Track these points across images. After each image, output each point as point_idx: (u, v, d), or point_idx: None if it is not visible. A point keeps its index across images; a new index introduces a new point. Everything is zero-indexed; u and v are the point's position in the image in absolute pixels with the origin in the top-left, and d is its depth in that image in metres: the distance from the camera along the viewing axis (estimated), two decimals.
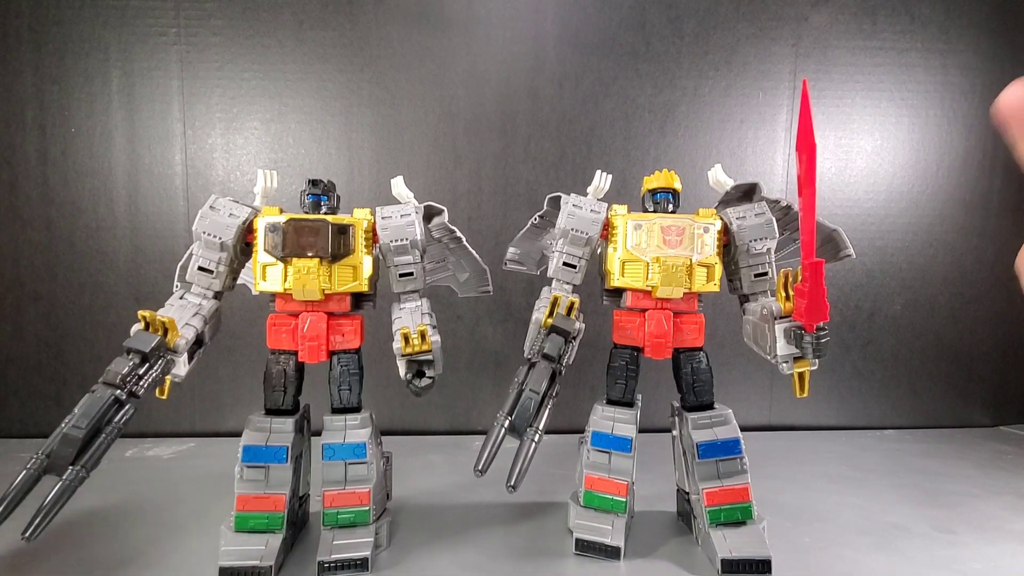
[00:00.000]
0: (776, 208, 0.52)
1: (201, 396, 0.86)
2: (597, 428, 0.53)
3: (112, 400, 0.40)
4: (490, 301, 0.87)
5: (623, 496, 0.52)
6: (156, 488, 0.65)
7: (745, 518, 0.51)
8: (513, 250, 0.58)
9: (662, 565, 0.49)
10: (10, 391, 0.84)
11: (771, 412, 0.93)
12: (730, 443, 0.52)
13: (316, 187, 0.51)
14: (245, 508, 0.48)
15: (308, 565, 0.48)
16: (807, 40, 0.89)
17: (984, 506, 0.63)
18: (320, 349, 0.50)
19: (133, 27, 0.81)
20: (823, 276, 0.40)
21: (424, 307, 0.51)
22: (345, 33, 0.84)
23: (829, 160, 0.91)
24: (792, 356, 0.46)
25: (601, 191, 0.55)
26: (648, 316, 0.52)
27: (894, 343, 0.94)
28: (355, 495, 0.49)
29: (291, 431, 0.50)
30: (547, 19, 0.86)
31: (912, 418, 0.95)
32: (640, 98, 0.87)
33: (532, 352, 0.47)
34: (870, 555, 0.51)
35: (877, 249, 0.92)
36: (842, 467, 0.75)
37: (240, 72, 0.83)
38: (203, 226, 0.49)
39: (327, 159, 0.85)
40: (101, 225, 0.83)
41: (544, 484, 0.65)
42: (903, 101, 0.91)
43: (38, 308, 0.83)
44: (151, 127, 0.83)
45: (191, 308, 0.48)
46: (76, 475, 0.38)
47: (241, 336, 0.84)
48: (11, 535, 0.37)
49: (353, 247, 0.49)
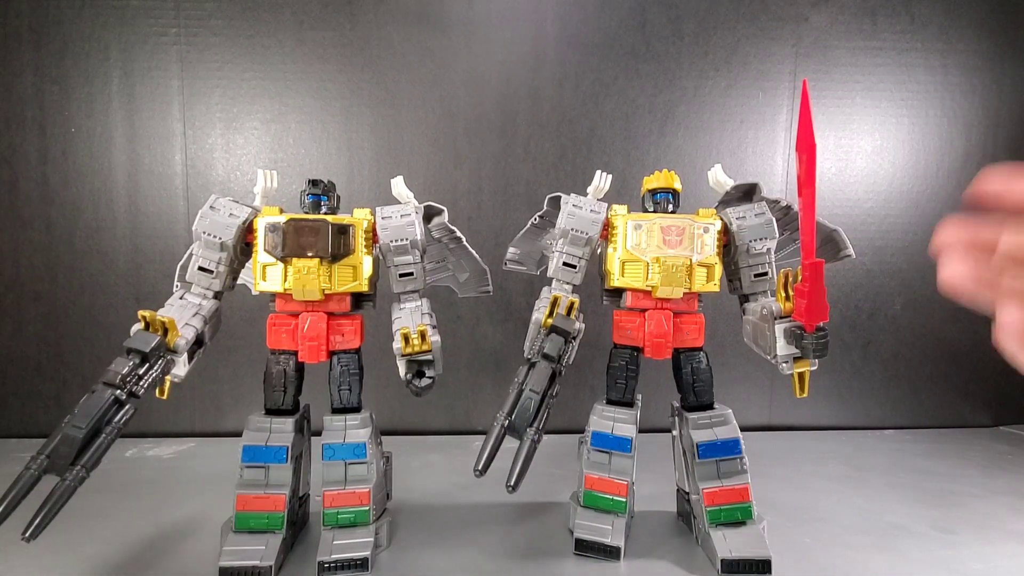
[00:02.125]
0: (776, 208, 0.52)
1: (201, 396, 0.86)
2: (597, 428, 0.53)
3: (112, 400, 0.40)
4: (490, 301, 0.87)
5: (623, 496, 0.52)
6: (156, 488, 0.65)
7: (745, 518, 0.51)
8: (513, 250, 0.58)
9: (662, 565, 0.49)
10: (10, 391, 0.84)
11: (771, 412, 0.93)
12: (730, 443, 0.52)
13: (316, 187, 0.51)
14: (245, 508, 0.48)
15: (308, 565, 0.48)
16: (807, 40, 0.89)
17: (984, 506, 0.63)
18: (320, 349, 0.50)
19: (133, 27, 0.81)
20: (823, 276, 0.40)
21: (424, 307, 0.51)
22: (345, 33, 0.84)
23: (829, 160, 0.91)
24: (792, 356, 0.46)
25: (601, 191, 0.55)
26: (648, 316, 0.52)
27: (894, 343, 0.94)
28: (355, 495, 0.49)
29: (291, 431, 0.50)
30: (547, 19, 0.86)
31: (912, 418, 0.95)
32: (640, 98, 0.87)
33: (532, 352, 0.47)
34: (870, 555, 0.51)
35: (877, 249, 0.92)
36: (842, 467, 0.75)
37: (240, 72, 0.83)
38: (203, 226, 0.49)
39: (327, 159, 0.85)
40: (101, 225, 0.83)
41: (544, 484, 0.65)
42: (903, 101, 0.91)
43: (38, 308, 0.83)
44: (151, 127, 0.83)
45: (191, 308, 0.48)
46: (76, 475, 0.38)
47: (241, 336, 0.84)
48: (11, 535, 0.37)
49: (353, 247, 0.49)
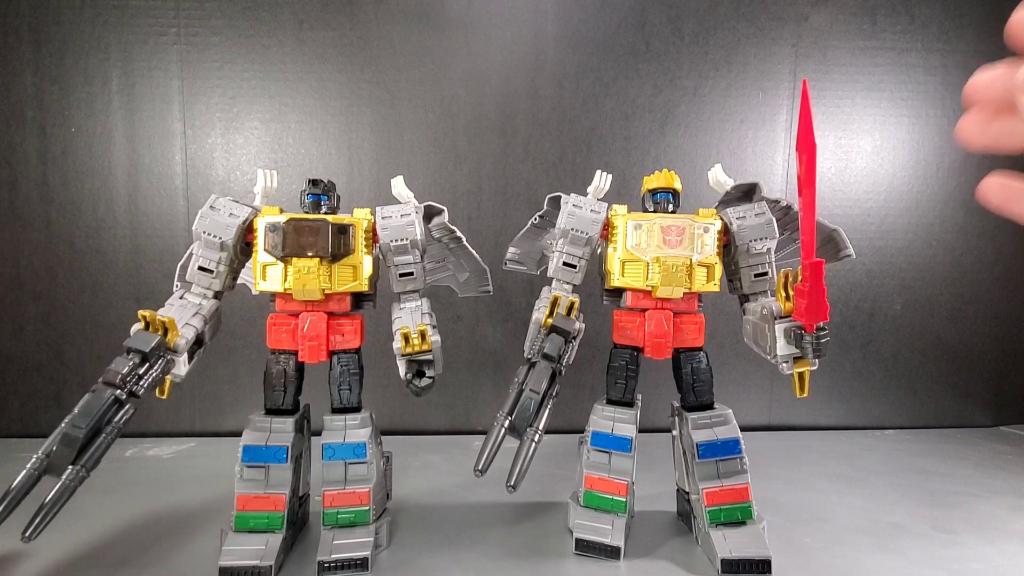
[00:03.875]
0: (776, 208, 0.52)
1: (201, 396, 0.86)
2: (597, 428, 0.53)
3: (112, 400, 0.40)
4: (490, 301, 0.87)
5: (623, 496, 0.52)
6: (156, 488, 0.65)
7: (745, 518, 0.51)
8: (513, 250, 0.58)
9: (662, 565, 0.49)
10: (10, 391, 0.84)
11: (771, 412, 0.93)
12: (730, 443, 0.52)
13: (316, 187, 0.51)
14: (245, 508, 0.48)
15: (308, 565, 0.48)
16: (807, 40, 0.89)
17: (984, 506, 0.63)
18: (320, 349, 0.50)
19: (133, 27, 0.81)
20: (823, 276, 0.40)
21: (424, 307, 0.51)
22: (345, 33, 0.84)
23: (829, 160, 0.91)
24: (792, 356, 0.46)
25: (601, 191, 0.55)
26: (648, 316, 0.52)
27: (894, 343, 0.94)
28: (355, 495, 0.49)
29: (291, 431, 0.50)
30: (547, 19, 0.86)
31: (912, 418, 0.95)
32: (640, 98, 0.87)
33: (532, 352, 0.47)
34: (870, 555, 0.51)
35: (877, 249, 0.92)
36: (842, 467, 0.75)
37: (240, 72, 0.83)
38: (203, 226, 0.49)
39: (327, 159, 0.85)
40: (101, 225, 0.83)
41: (544, 484, 0.65)
42: (903, 101, 0.91)
43: (38, 308, 0.83)
44: (151, 127, 0.83)
45: (191, 308, 0.48)
46: (76, 475, 0.38)
47: (241, 336, 0.84)
48: (11, 535, 0.37)
49: (353, 247, 0.49)
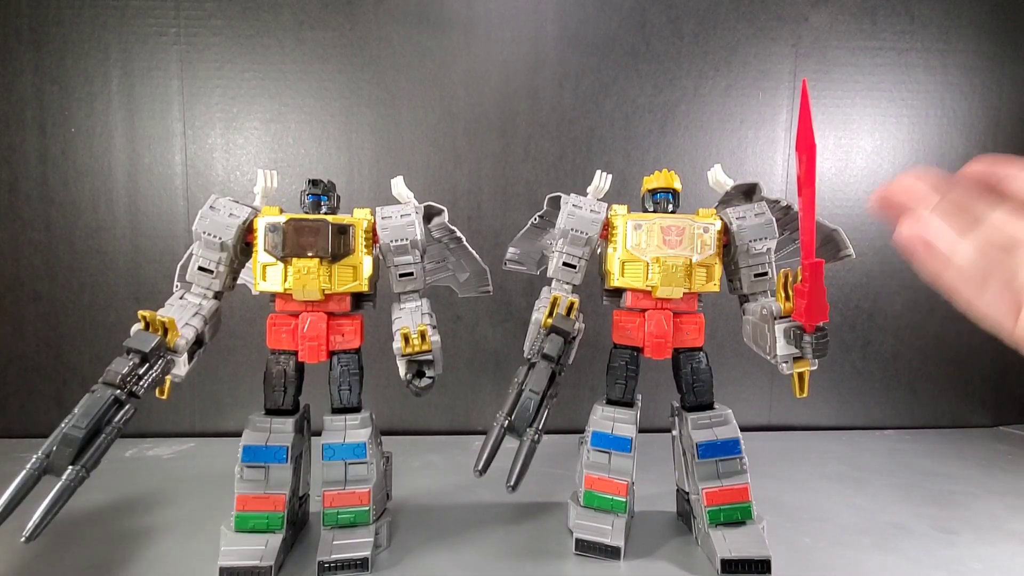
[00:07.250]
0: (776, 208, 0.52)
1: (201, 396, 0.86)
2: (597, 428, 0.53)
3: (112, 400, 0.40)
4: (490, 301, 0.87)
5: (623, 496, 0.52)
6: (156, 488, 0.65)
7: (745, 518, 0.51)
8: (513, 250, 0.58)
9: (662, 565, 0.49)
10: (10, 391, 0.84)
11: (771, 412, 0.93)
12: (730, 443, 0.52)
13: (316, 187, 0.51)
14: (245, 508, 0.48)
15: (308, 565, 0.48)
16: (807, 40, 0.89)
17: (984, 506, 0.63)
18: (320, 349, 0.50)
19: (133, 27, 0.81)
20: (823, 276, 0.40)
21: (424, 307, 0.51)
22: (345, 33, 0.84)
23: (829, 160, 0.91)
24: (792, 356, 0.46)
25: (601, 191, 0.55)
26: (648, 316, 0.52)
27: (894, 343, 0.94)
28: (355, 495, 0.49)
29: (291, 431, 0.50)
30: (547, 19, 0.86)
31: (912, 418, 0.95)
32: (640, 98, 0.87)
33: (532, 352, 0.47)
34: (870, 555, 0.51)
35: (877, 249, 0.92)
36: (842, 467, 0.75)
37: (240, 72, 0.83)
38: (203, 226, 0.49)
39: (327, 159, 0.85)
40: (101, 225, 0.83)
41: (544, 484, 0.65)
42: (903, 101, 0.91)
43: (38, 308, 0.83)
44: (151, 127, 0.83)
45: (191, 308, 0.48)
46: (76, 475, 0.38)
47: (241, 336, 0.84)
48: (11, 535, 0.37)
49: (353, 247, 0.49)
